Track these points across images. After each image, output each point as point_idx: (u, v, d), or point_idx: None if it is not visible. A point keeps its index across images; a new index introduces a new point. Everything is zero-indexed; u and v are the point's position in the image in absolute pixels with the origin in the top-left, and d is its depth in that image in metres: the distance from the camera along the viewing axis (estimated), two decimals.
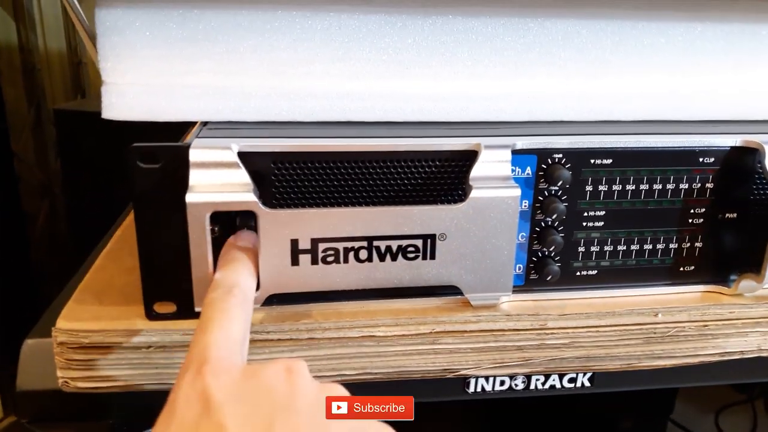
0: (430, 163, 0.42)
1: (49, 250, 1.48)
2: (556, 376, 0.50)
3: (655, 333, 0.47)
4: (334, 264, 0.40)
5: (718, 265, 0.49)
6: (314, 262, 0.40)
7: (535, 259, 0.46)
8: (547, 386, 0.51)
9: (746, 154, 0.46)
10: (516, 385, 0.50)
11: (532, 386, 0.50)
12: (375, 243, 0.40)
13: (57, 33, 1.49)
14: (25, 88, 1.43)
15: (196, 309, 0.40)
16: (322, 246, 0.39)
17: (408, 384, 0.46)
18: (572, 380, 0.51)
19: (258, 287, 0.40)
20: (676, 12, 0.48)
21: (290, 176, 0.41)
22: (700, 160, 0.46)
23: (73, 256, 1.22)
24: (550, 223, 0.46)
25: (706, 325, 0.48)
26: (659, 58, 0.49)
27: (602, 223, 0.46)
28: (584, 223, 0.46)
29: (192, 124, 0.46)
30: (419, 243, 0.40)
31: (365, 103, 0.46)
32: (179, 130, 0.46)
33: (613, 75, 0.49)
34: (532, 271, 0.47)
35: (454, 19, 0.46)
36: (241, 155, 0.40)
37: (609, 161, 0.45)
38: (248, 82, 0.45)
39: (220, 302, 0.35)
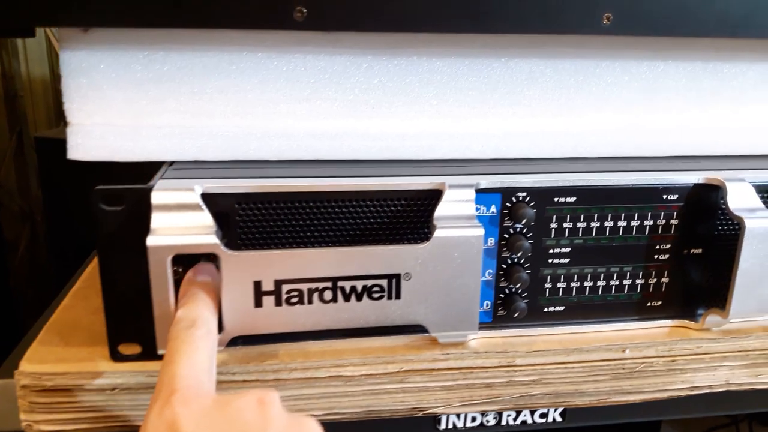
0: (396, 202, 0.43)
1: (29, 278, 1.47)
2: (527, 412, 0.50)
3: (623, 369, 0.48)
4: (298, 305, 0.40)
5: (685, 301, 0.49)
6: (278, 303, 0.40)
7: (502, 295, 0.47)
8: (518, 422, 0.51)
9: (709, 190, 0.46)
10: (487, 421, 0.50)
11: (504, 422, 0.50)
12: (339, 283, 0.40)
13: (40, 60, 1.49)
14: (7, 114, 1.43)
15: (159, 351, 0.40)
16: (285, 287, 0.39)
17: (378, 423, 0.46)
18: (543, 415, 0.51)
19: (221, 329, 0.40)
20: (638, 51, 0.49)
21: (254, 217, 0.41)
22: (664, 197, 0.46)
23: (53, 284, 1.21)
24: (516, 260, 0.46)
25: (674, 360, 0.48)
26: (623, 96, 0.50)
27: (568, 259, 0.47)
28: (550, 260, 0.46)
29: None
30: (384, 283, 0.40)
31: (333, 141, 0.47)
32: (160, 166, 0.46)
33: (578, 113, 0.49)
34: (500, 308, 0.47)
35: (419, 60, 0.46)
36: (205, 196, 0.40)
37: (573, 199, 0.45)
38: (215, 123, 0.45)
39: (184, 335, 0.35)
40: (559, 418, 0.51)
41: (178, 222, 0.38)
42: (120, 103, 0.44)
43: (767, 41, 0.50)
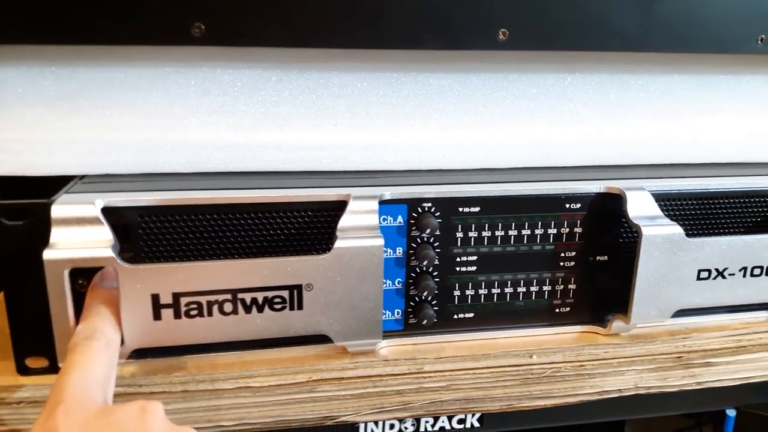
0: (302, 213, 0.44)
1: None
2: (445, 418, 0.51)
3: (531, 374, 0.49)
4: (198, 318, 0.40)
5: (593, 307, 0.51)
6: (177, 316, 0.40)
7: (412, 303, 0.48)
8: (436, 428, 0.52)
9: (611, 200, 0.48)
10: (405, 428, 0.51)
11: (422, 428, 0.51)
12: (240, 295, 0.40)
13: None
14: None
15: (60, 364, 0.40)
16: (184, 300, 0.40)
17: None
18: (461, 421, 0.52)
19: (122, 342, 0.40)
20: (545, 64, 0.51)
21: (158, 230, 0.42)
22: (567, 206, 0.48)
23: None
24: (423, 269, 0.47)
25: (582, 365, 0.50)
26: (530, 108, 0.51)
27: (475, 267, 0.48)
28: (458, 268, 0.48)
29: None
30: (285, 294, 0.41)
31: (245, 154, 0.47)
32: None
33: (487, 125, 0.51)
34: (411, 316, 0.48)
35: (329, 74, 0.47)
36: (108, 210, 0.40)
37: (477, 209, 0.46)
38: (125, 136, 0.46)
39: (81, 346, 0.35)
40: (477, 424, 0.52)
41: (76, 236, 0.39)
42: (30, 118, 0.44)
43: (669, 54, 0.52)
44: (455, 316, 0.49)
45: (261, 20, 0.41)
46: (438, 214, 0.46)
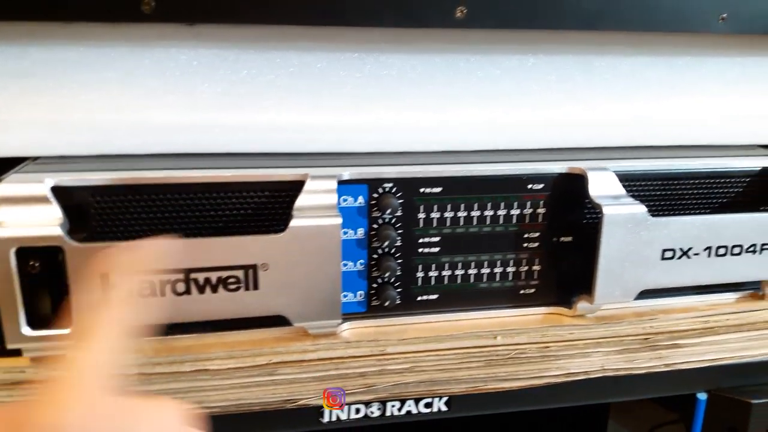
0: (258, 193, 0.43)
1: None
2: (411, 402, 0.50)
3: (497, 355, 0.48)
4: (150, 297, 0.40)
5: (558, 288, 0.50)
6: None
7: (375, 285, 0.47)
8: (403, 412, 0.51)
9: (574, 180, 0.48)
10: (371, 413, 0.50)
11: (388, 413, 0.50)
12: (193, 275, 0.40)
13: None
14: None
15: (9, 346, 0.39)
16: None
17: (262, 416, 0.46)
18: (428, 405, 0.51)
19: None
20: (509, 45, 0.50)
21: (111, 210, 0.41)
22: (529, 186, 0.47)
23: None
24: (386, 250, 0.46)
25: (547, 347, 0.49)
26: (494, 90, 0.51)
27: (438, 248, 0.47)
28: (420, 250, 0.47)
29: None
30: (240, 274, 0.40)
31: (203, 134, 0.47)
32: None
33: (450, 107, 0.50)
34: (374, 298, 0.47)
35: (288, 53, 0.47)
36: (59, 189, 0.39)
37: (439, 189, 0.46)
38: (79, 117, 0.45)
39: (105, 327, 0.32)
40: (444, 408, 0.51)
41: (24, 215, 0.38)
42: None
43: (635, 34, 0.52)
44: (419, 298, 0.48)
45: None
46: (399, 194, 0.45)
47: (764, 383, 0.57)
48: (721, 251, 0.50)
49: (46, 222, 0.38)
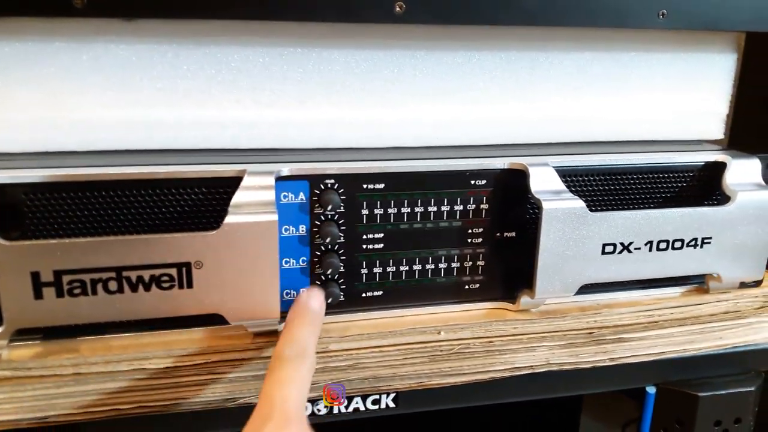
0: (195, 190, 0.43)
1: None
2: (359, 399, 0.50)
3: (440, 351, 0.49)
4: (82, 296, 0.39)
5: (502, 283, 0.51)
6: (59, 295, 0.39)
7: (318, 283, 0.47)
8: (350, 409, 0.51)
9: (516, 176, 0.48)
10: (318, 411, 0.50)
11: (335, 410, 0.50)
12: (124, 273, 0.39)
13: None
14: None
15: None
16: (66, 278, 0.38)
17: (203, 415, 0.46)
18: (376, 402, 0.51)
19: (1, 322, 0.39)
20: (453, 41, 0.50)
21: (44, 207, 0.40)
22: (472, 182, 0.48)
23: None
24: (328, 247, 0.46)
25: (491, 341, 0.49)
26: (438, 86, 0.51)
27: (382, 245, 0.47)
28: (364, 246, 0.47)
29: None
30: (173, 272, 0.40)
31: (143, 131, 0.46)
32: None
33: (396, 103, 0.50)
34: None
35: (229, 48, 0.46)
36: None
37: (381, 185, 0.46)
38: (15, 114, 0.44)
39: (294, 362, 0.38)
40: (392, 404, 0.52)
41: None
42: None
43: (579, 30, 0.53)
44: (363, 295, 0.48)
45: None
46: (342, 191, 0.45)
47: (711, 376, 0.58)
48: (663, 246, 0.50)
49: None
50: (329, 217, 0.46)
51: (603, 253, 0.48)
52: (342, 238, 0.46)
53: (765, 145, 0.55)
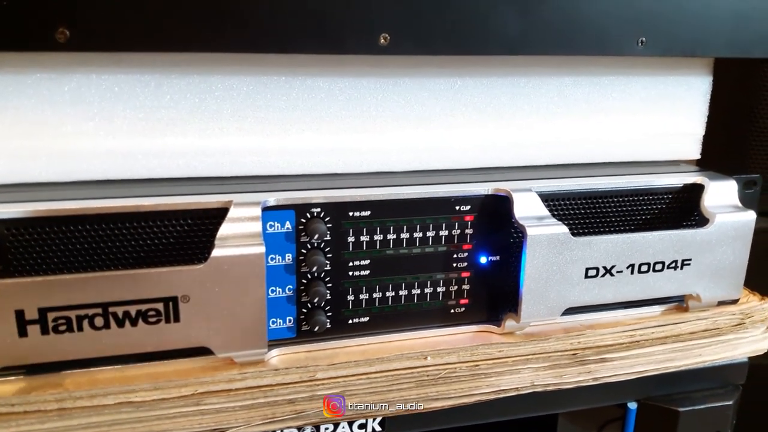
0: (181, 222, 0.42)
1: None
2: (345, 424, 0.51)
3: (427, 376, 0.49)
4: (67, 333, 0.39)
5: (487, 306, 0.51)
6: (45, 332, 0.38)
7: (305, 310, 0.47)
8: None
9: (499, 201, 0.49)
10: None
11: None
12: (111, 309, 0.39)
13: None
14: None
15: None
16: (51, 315, 0.38)
17: None
18: (362, 426, 0.51)
19: None
20: (436, 68, 0.51)
21: (27, 243, 0.40)
22: (457, 207, 0.48)
23: None
24: (315, 274, 0.46)
25: (477, 365, 0.50)
26: (422, 112, 0.51)
27: (368, 271, 0.47)
28: (350, 273, 0.47)
29: None
30: (160, 306, 0.40)
31: (125, 161, 0.46)
32: None
33: (380, 129, 0.50)
34: (304, 323, 0.47)
35: (212, 77, 0.46)
36: None
37: (367, 213, 0.46)
38: None
39: None
40: (378, 428, 0.52)
41: None
42: None
43: (558, 57, 0.53)
44: (350, 321, 0.48)
45: (129, 25, 0.40)
46: (328, 219, 0.45)
47: (691, 391, 0.60)
48: (644, 268, 0.51)
49: None
50: (315, 245, 0.46)
51: (586, 276, 0.49)
52: (328, 265, 0.46)
53: (733, 162, 0.57)
